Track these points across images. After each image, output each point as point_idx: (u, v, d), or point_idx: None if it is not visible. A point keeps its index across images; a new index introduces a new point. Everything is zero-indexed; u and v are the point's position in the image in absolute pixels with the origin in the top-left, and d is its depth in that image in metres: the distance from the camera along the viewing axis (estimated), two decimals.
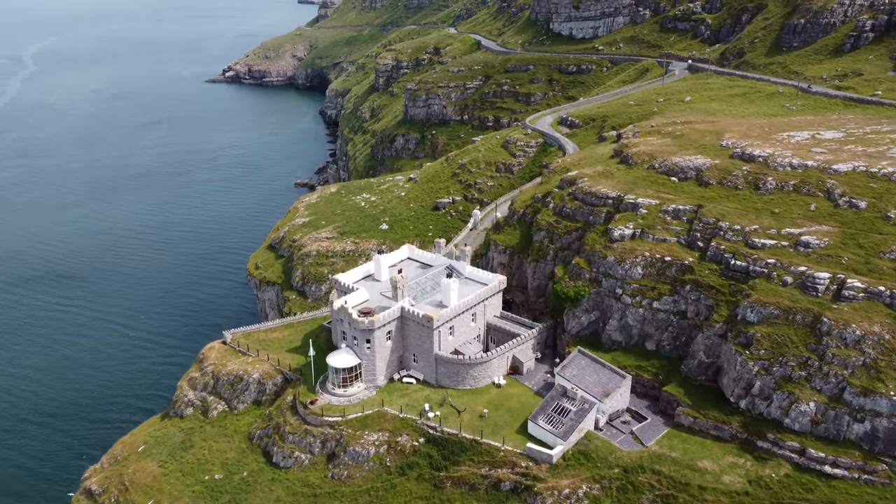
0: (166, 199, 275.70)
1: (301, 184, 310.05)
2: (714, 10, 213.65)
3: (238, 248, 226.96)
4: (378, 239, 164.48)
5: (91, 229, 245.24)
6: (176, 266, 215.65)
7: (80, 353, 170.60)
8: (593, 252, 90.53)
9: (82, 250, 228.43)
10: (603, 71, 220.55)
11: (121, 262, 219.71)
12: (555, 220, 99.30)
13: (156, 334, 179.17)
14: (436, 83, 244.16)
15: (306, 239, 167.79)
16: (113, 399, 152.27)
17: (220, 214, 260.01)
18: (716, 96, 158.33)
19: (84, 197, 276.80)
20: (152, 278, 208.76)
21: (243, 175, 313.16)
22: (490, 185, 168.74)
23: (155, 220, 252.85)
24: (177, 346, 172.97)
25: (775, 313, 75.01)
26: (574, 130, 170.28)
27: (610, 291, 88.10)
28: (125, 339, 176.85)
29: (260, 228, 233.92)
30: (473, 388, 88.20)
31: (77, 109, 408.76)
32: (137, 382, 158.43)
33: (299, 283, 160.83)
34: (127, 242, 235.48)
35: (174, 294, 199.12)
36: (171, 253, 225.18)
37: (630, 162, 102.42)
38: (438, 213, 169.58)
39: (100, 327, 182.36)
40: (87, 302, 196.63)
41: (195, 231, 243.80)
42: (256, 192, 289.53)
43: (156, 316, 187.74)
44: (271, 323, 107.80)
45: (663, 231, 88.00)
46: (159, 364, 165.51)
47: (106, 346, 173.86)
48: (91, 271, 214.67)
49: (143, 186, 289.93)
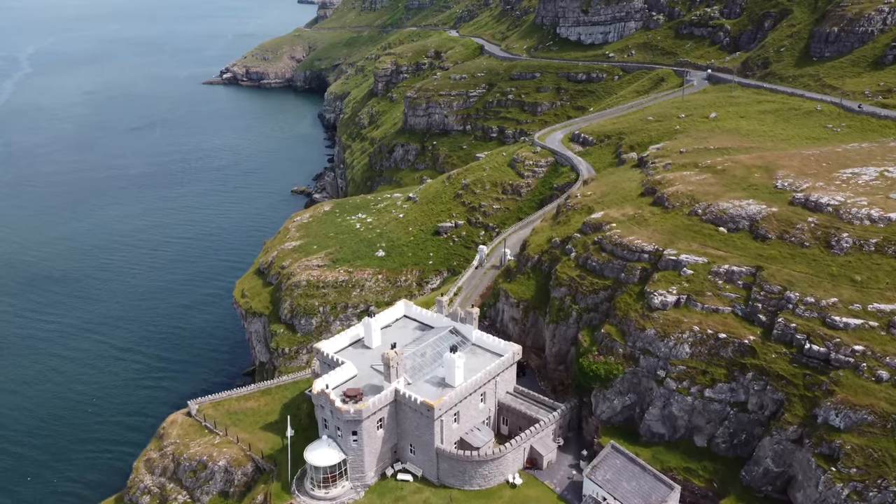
0: (158, 207, 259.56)
1: (298, 191, 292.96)
2: (733, 15, 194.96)
3: (231, 262, 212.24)
4: (373, 267, 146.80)
5: (77, 240, 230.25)
6: (165, 285, 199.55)
7: (52, 373, 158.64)
8: (627, 320, 72.72)
9: (67, 263, 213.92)
10: (614, 79, 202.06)
11: (107, 278, 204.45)
12: (578, 275, 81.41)
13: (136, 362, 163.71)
14: (437, 91, 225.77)
15: (296, 266, 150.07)
16: (80, 435, 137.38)
17: (213, 227, 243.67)
18: (744, 113, 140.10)
19: (73, 205, 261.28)
20: (139, 296, 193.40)
21: (238, 182, 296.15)
22: (496, 209, 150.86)
23: (146, 231, 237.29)
24: (160, 377, 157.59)
25: (869, 419, 57.37)
26: (587, 148, 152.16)
27: (649, 372, 70.35)
28: (101, 366, 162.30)
29: (254, 239, 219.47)
30: (483, 488, 70.62)
31: (71, 113, 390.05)
32: (111, 418, 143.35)
33: (288, 315, 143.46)
34: (114, 255, 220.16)
35: (160, 317, 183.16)
36: (160, 270, 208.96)
37: (666, 205, 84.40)
38: (440, 238, 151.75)
39: (78, 349, 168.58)
40: (63, 317, 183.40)
41: (187, 245, 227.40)
42: (252, 201, 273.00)
43: (140, 341, 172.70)
44: (245, 389, 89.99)
45: (715, 298, 70.16)
46: (134, 399, 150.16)
47: (82, 371, 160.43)
48: (75, 285, 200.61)
49: (134, 194, 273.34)
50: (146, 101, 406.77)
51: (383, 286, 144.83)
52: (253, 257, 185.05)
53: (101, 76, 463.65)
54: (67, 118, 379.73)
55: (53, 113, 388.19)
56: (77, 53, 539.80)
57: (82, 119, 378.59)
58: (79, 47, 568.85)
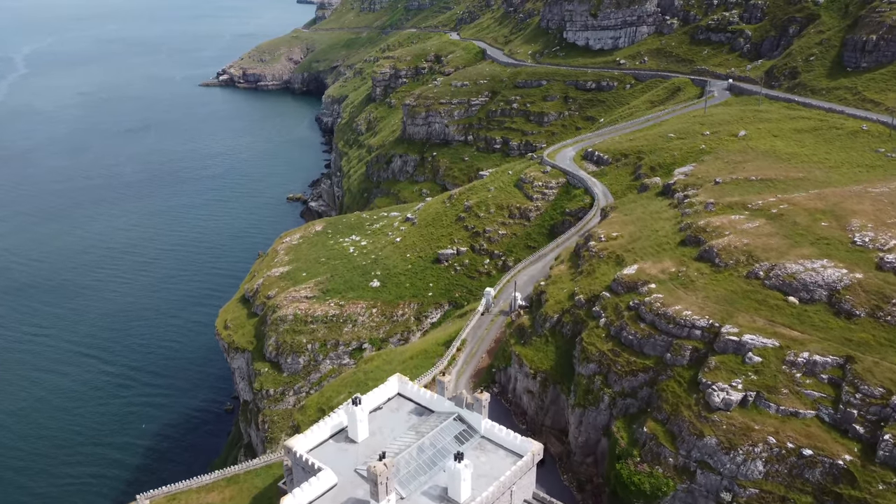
0: (150, 216, 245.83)
1: (294, 198, 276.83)
2: (754, 20, 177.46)
3: (223, 275, 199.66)
4: (367, 300, 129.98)
5: (66, 251, 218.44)
6: (153, 303, 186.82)
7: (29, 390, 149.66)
8: (678, 418, 56.04)
9: (53, 276, 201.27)
10: (626, 88, 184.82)
11: (93, 295, 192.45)
12: (611, 349, 64.66)
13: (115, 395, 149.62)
14: (437, 99, 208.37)
15: (283, 297, 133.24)
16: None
17: (206, 237, 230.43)
18: (777, 131, 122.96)
19: (63, 214, 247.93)
20: (126, 315, 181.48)
21: (233, 188, 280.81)
22: (502, 234, 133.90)
23: (137, 243, 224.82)
24: (138, 408, 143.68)
25: None
26: (602, 168, 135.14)
27: (710, 492, 53.69)
28: (78, 398, 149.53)
29: (247, 252, 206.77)
30: None
31: (64, 115, 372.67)
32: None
33: (273, 353, 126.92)
34: (102, 267, 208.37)
35: (145, 340, 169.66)
36: (148, 287, 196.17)
37: (717, 262, 67.51)
38: (440, 266, 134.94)
39: (54, 380, 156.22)
40: (43, 336, 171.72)
41: (178, 259, 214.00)
42: (246, 208, 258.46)
43: (122, 369, 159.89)
44: (207, 477, 73.01)
45: (793, 398, 53.45)
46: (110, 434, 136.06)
47: (55, 405, 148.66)
48: (60, 300, 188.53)
49: (126, 202, 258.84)
50: (141, 104, 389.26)
51: (378, 321, 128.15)
52: (245, 271, 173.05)
53: (97, 77, 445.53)
54: (61, 120, 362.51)
55: (47, 115, 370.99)
56: (74, 54, 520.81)
57: (76, 121, 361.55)
58: (76, 47, 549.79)
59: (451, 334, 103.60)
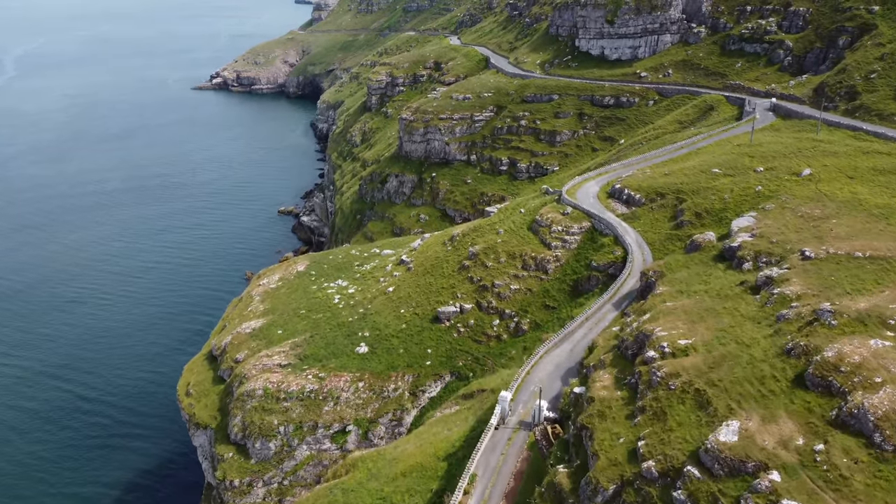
0: (136, 228, 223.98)
1: (285, 212, 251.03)
2: (794, 28, 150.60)
3: (209, 294, 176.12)
4: (352, 370, 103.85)
5: (47, 267, 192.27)
6: (130, 331, 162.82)
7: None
8: None
9: (31, 294, 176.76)
10: (648, 105, 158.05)
11: (67, 319, 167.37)
12: None
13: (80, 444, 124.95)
14: (436, 113, 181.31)
15: (251, 364, 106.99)
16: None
17: (193, 252, 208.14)
18: (851, 170, 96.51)
19: (45, 225, 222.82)
20: (100, 342, 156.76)
21: (223, 198, 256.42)
22: (514, 290, 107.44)
23: (120, 258, 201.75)
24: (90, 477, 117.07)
25: None
26: (633, 210, 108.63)
27: None
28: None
29: (235, 271, 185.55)
30: None
31: (51, 120, 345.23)
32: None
33: (238, 435, 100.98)
34: (84, 284, 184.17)
35: (114, 381, 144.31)
36: (127, 313, 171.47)
37: (879, 442, 41.24)
38: (440, 326, 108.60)
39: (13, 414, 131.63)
40: (14, 358, 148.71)
41: (162, 276, 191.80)
42: (236, 221, 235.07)
43: (89, 409, 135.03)
44: None
45: None
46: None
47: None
48: (34, 322, 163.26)
49: (112, 213, 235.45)
50: (132, 108, 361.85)
51: (365, 397, 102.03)
52: (231, 292, 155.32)
53: (87, 80, 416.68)
54: (47, 126, 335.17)
55: (33, 120, 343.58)
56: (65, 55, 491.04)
57: (63, 127, 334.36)
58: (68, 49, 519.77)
59: (455, 442, 77.73)
